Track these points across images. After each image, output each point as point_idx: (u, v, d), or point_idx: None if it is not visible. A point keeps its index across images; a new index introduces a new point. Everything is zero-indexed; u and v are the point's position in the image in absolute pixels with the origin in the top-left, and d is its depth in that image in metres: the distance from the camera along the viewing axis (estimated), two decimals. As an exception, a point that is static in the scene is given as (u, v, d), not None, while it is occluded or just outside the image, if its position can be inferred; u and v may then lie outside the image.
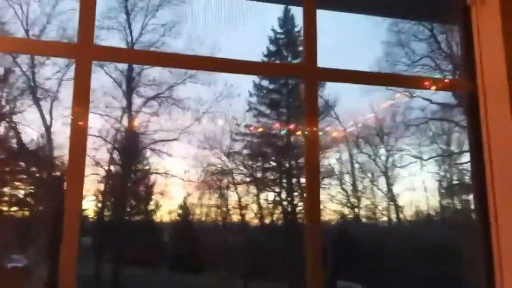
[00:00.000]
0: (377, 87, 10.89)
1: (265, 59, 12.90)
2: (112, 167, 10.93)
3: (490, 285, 1.71)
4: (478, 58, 1.65)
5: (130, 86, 10.50)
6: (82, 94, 1.40)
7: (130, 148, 11.20)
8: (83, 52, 1.43)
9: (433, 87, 2.08)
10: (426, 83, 1.85)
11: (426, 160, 11.88)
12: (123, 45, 10.75)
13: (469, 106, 1.79)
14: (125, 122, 10.87)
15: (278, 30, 13.50)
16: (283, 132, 6.63)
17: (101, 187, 11.00)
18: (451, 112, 10.80)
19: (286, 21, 13.37)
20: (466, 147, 11.37)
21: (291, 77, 9.68)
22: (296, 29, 13.44)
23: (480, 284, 1.84)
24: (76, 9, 1.55)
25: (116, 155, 10.96)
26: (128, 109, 10.60)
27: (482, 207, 1.67)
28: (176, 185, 14.67)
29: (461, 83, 1.87)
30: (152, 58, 2.21)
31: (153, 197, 12.18)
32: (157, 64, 2.25)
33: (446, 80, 2.23)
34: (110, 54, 1.94)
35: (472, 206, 10.70)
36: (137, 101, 10.77)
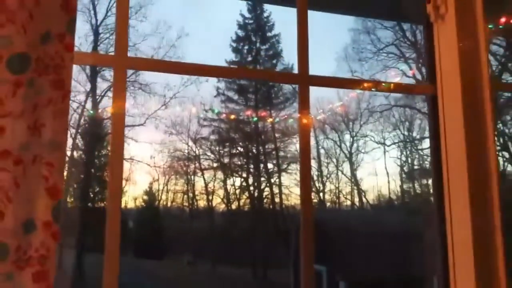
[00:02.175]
0: (345, 75, 11.23)
1: (234, 45, 12.86)
2: (75, 153, 10.63)
3: (445, 268, 1.95)
4: (438, 67, 2.02)
5: (94, 69, 10.18)
6: (119, 97, 1.65)
7: (94, 133, 10.91)
8: (120, 62, 1.68)
9: (402, 90, 2.51)
10: (397, 87, 2.18)
11: (388, 146, 12.31)
12: (87, 27, 10.39)
13: (431, 108, 2.16)
14: (89, 106, 10.55)
15: (247, 15, 13.41)
16: (254, 119, 6.76)
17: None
18: (413, 99, 11.19)
19: (255, 5, 13.28)
20: (427, 133, 11.89)
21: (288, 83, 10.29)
22: (265, 15, 13.43)
23: (436, 265, 2.12)
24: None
25: (79, 140, 10.65)
26: (92, 93, 10.29)
27: (440, 196, 2.00)
28: (141, 171, 14.51)
29: (425, 87, 2.26)
30: (182, 68, 2.41)
31: (117, 183, 11.95)
32: (188, 74, 2.33)
33: (413, 85, 2.39)
34: (142, 64, 2.23)
35: (431, 191, 11.22)
36: (101, 85, 10.48)
